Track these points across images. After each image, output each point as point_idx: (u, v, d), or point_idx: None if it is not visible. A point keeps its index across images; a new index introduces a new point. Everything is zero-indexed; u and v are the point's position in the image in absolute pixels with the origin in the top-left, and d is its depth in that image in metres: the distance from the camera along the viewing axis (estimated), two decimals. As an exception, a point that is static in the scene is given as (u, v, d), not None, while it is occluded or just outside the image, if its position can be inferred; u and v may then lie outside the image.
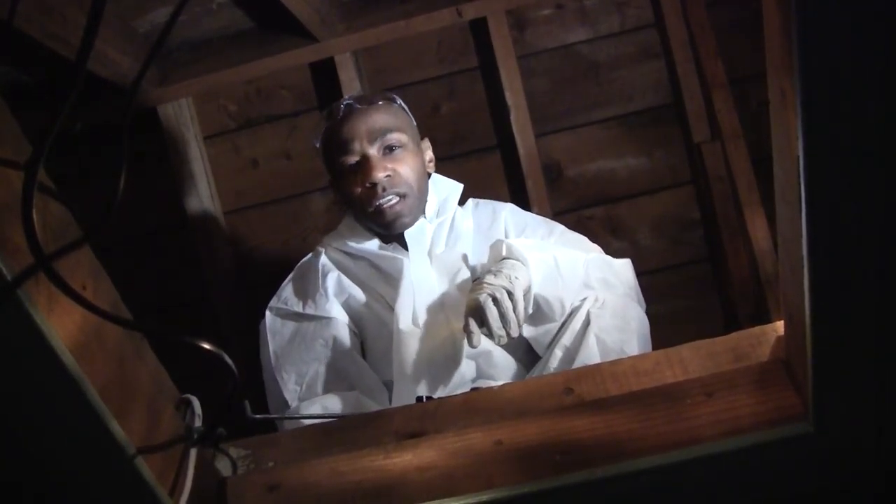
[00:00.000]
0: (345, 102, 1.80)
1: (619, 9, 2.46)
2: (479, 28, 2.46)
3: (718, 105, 2.34)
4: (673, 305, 2.46)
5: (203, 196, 2.50)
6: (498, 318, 1.50)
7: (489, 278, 1.56)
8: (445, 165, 1.91)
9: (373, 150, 1.74)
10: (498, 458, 1.08)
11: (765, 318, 2.18)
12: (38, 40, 1.77)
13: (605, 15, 2.47)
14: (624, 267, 1.79)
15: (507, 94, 2.44)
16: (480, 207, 1.96)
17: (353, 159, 1.76)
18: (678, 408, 1.08)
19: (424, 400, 1.49)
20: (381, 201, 1.74)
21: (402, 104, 1.86)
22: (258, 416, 1.23)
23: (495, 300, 1.50)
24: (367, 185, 1.74)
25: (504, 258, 1.63)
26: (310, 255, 1.93)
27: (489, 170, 2.52)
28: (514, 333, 1.52)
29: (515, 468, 1.07)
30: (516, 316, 1.51)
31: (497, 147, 2.52)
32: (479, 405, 1.18)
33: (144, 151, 2.46)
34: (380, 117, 1.77)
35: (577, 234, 1.91)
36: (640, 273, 1.85)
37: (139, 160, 2.45)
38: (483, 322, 1.50)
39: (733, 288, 2.38)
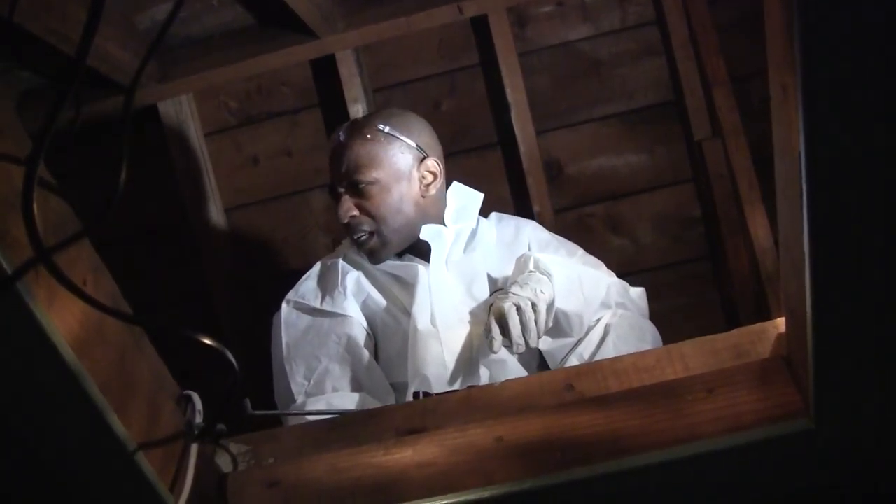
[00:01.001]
0: (340, 131, 1.85)
1: (621, 6, 2.46)
2: (480, 25, 2.45)
3: (719, 102, 2.34)
4: (673, 303, 2.46)
5: (203, 193, 2.49)
6: (519, 327, 1.55)
7: (515, 289, 1.61)
8: (446, 162, 1.90)
9: (342, 189, 1.80)
10: (498, 454, 1.08)
11: (765, 317, 2.17)
12: (39, 36, 1.77)
13: (606, 12, 2.46)
14: (639, 295, 1.85)
15: (508, 92, 2.43)
16: (504, 222, 1.99)
17: (333, 191, 1.83)
18: (679, 404, 1.08)
19: (421, 396, 1.50)
20: (353, 237, 1.81)
21: (392, 131, 1.81)
22: (258, 412, 1.23)
23: (519, 309, 1.56)
24: (340, 222, 1.81)
25: (530, 271, 1.68)
26: (332, 254, 1.96)
27: (490, 167, 2.52)
28: (533, 343, 1.56)
29: (516, 465, 1.07)
30: (537, 327, 1.56)
31: (498, 144, 2.52)
32: (479, 402, 1.18)
33: (145, 148, 2.46)
34: (352, 155, 1.79)
35: (596, 259, 1.94)
36: (640, 271, 1.87)
37: (139, 157, 2.44)
38: (504, 329, 1.54)
39: (734, 286, 2.38)
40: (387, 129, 1.81)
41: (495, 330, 1.55)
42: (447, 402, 1.19)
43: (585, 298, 1.70)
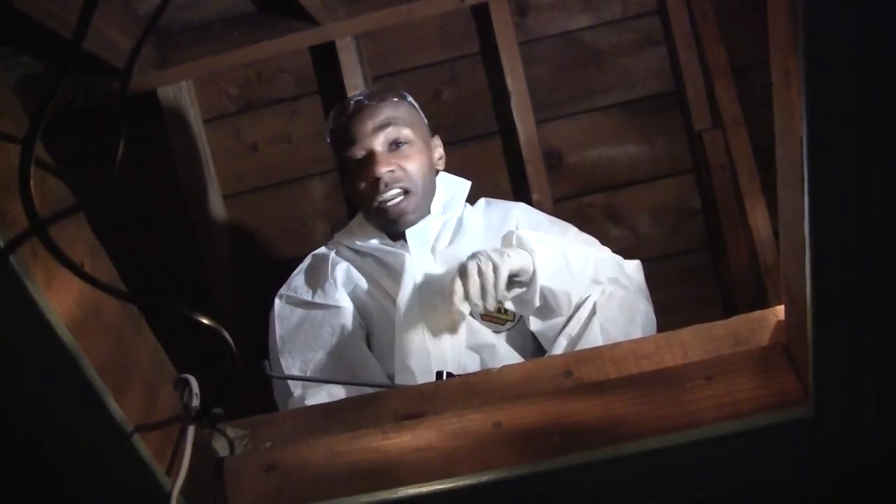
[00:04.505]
0: (355, 99, 1.83)
1: (622, -5, 2.46)
2: (480, 13, 2.45)
3: (720, 93, 2.34)
4: (672, 294, 2.46)
5: (202, 180, 2.49)
6: (478, 286, 1.50)
7: (484, 252, 1.56)
8: (446, 151, 1.90)
9: (378, 146, 1.77)
10: (497, 439, 1.08)
11: (764, 308, 2.17)
12: (39, 21, 1.77)
13: (607, 1, 2.46)
14: (634, 268, 1.80)
15: (509, 80, 2.43)
16: (493, 207, 1.97)
17: (360, 154, 1.78)
18: (678, 391, 1.08)
19: (445, 376, 1.49)
20: (385, 197, 1.76)
21: (413, 102, 1.87)
22: (275, 374, 1.22)
23: (479, 270, 1.51)
24: (371, 179, 1.76)
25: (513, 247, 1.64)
26: (322, 247, 1.95)
27: (489, 156, 2.52)
28: (490, 305, 1.52)
29: (514, 450, 1.07)
30: (496, 289, 1.51)
31: (498, 133, 2.52)
32: (478, 387, 1.17)
33: (144, 134, 2.45)
34: (387, 113, 1.78)
35: (590, 237, 1.91)
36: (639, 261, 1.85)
37: (138, 143, 2.42)
38: (465, 289, 1.50)
39: (733, 277, 2.38)
40: (409, 98, 1.86)
41: (457, 286, 1.50)
42: (446, 388, 1.19)
43: (572, 275, 1.63)
